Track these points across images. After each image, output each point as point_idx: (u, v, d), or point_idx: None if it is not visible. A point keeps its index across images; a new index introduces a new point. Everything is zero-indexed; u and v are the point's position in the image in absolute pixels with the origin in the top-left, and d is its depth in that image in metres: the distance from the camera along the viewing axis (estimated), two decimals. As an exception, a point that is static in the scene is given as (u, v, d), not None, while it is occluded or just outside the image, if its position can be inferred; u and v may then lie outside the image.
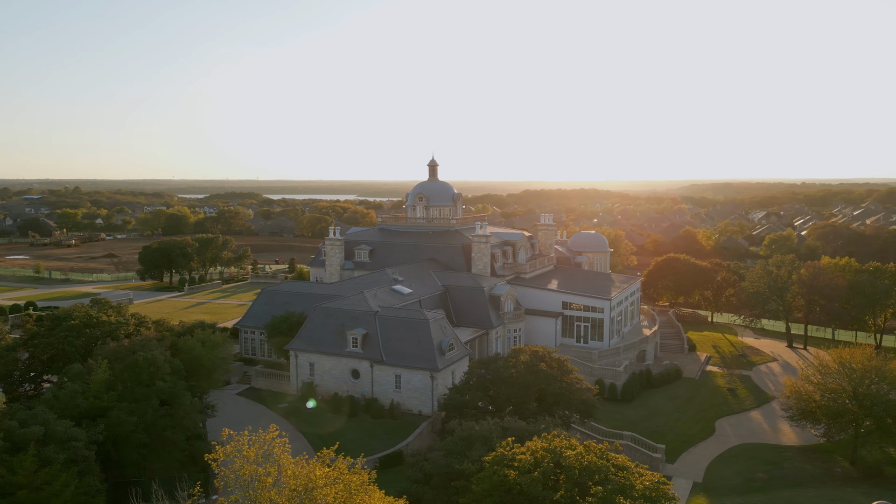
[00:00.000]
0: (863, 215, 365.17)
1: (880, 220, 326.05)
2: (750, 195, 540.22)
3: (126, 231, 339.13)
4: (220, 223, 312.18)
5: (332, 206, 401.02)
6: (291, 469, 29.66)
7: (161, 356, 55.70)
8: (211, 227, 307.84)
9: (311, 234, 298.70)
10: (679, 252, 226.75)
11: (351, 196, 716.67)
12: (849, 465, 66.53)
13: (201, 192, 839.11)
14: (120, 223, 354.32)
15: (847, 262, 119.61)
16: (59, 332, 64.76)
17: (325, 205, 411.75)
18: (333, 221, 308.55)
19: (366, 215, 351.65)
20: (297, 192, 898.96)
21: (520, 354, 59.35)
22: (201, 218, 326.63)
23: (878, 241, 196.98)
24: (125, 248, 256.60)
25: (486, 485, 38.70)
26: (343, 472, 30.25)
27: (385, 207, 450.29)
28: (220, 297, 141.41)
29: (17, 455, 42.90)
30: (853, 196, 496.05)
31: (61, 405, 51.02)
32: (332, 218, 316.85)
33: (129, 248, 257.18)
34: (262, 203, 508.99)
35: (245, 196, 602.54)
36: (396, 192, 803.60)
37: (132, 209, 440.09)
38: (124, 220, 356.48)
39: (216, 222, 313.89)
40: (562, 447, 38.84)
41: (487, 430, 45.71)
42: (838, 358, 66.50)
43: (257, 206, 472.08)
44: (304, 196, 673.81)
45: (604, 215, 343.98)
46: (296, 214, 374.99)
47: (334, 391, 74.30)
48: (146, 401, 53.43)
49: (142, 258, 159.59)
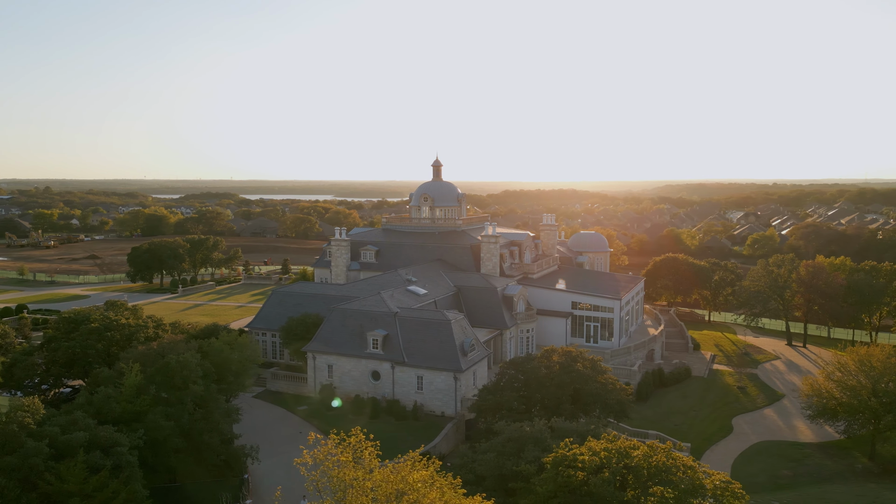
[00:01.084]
0: (837, 215, 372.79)
1: (855, 220, 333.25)
2: (725, 195, 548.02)
3: (103, 232, 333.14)
4: (201, 224, 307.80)
5: (312, 206, 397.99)
6: (382, 472, 29.25)
7: (193, 359, 54.70)
8: (192, 228, 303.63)
9: (296, 235, 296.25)
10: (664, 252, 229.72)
11: (328, 196, 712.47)
12: (868, 460, 67.73)
13: (175, 192, 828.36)
14: (97, 224, 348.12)
15: (842, 261, 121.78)
16: (78, 335, 63.30)
17: (306, 205, 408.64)
18: (317, 222, 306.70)
19: (348, 215, 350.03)
20: (272, 192, 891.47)
21: (552, 355, 59.37)
22: (181, 219, 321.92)
23: (860, 241, 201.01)
24: (106, 249, 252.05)
25: (550, 486, 38.56)
26: (433, 475, 29.93)
27: (365, 208, 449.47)
28: (216, 298, 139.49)
29: (63, 462, 41.78)
30: (825, 196, 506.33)
31: (95, 410, 49.80)
32: (315, 218, 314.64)
33: (111, 249, 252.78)
34: (239, 203, 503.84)
35: (222, 196, 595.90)
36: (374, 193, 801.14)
37: (107, 209, 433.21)
38: (101, 221, 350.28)
39: (197, 223, 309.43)
40: (626, 447, 38.86)
41: (538, 431, 45.59)
42: (857, 356, 67.61)
43: (235, 206, 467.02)
44: (281, 196, 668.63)
45: (585, 216, 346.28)
46: (277, 215, 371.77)
47: (355, 393, 73.70)
48: (181, 405, 52.43)
49: (131, 259, 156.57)
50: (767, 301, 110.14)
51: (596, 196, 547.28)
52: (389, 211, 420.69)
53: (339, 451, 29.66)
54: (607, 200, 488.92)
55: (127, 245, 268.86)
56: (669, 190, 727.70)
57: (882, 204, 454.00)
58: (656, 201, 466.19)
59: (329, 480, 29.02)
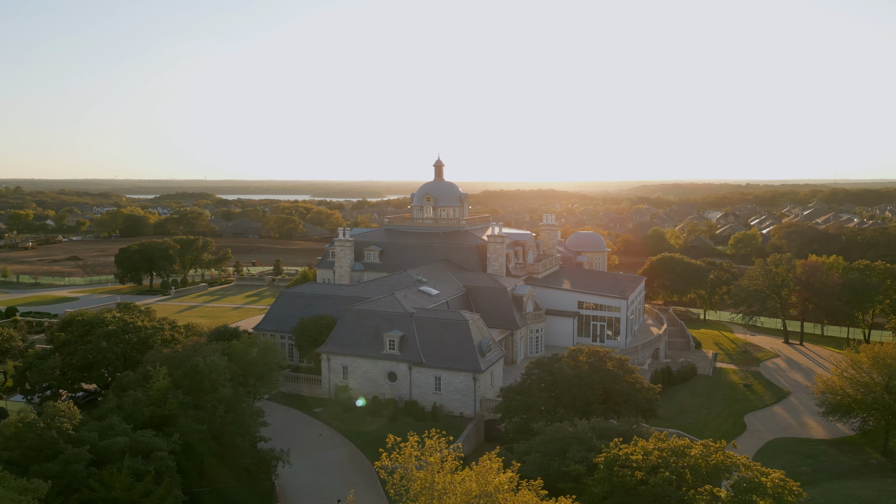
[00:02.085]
0: (813, 214, 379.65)
1: (831, 220, 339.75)
2: (701, 196, 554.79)
3: (80, 233, 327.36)
4: (182, 225, 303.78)
5: (293, 206, 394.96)
6: (464, 475, 29.01)
7: (220, 362, 53.89)
8: (173, 229, 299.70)
9: (279, 235, 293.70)
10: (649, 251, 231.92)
11: (305, 196, 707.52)
12: (880, 456, 68.87)
13: (148, 192, 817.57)
14: (73, 224, 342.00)
15: (835, 259, 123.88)
16: (93, 338, 61.99)
17: (287, 205, 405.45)
18: (301, 223, 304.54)
19: (330, 216, 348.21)
20: (248, 191, 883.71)
21: (578, 355, 59.49)
22: (161, 219, 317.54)
23: (841, 240, 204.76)
24: (86, 250, 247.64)
25: (605, 486, 38.64)
26: (514, 478, 29.77)
27: (346, 208, 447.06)
28: (210, 300, 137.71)
29: (105, 468, 40.88)
30: (799, 196, 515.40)
31: (125, 414, 48.84)
32: (298, 219, 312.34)
33: (91, 250, 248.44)
34: (217, 204, 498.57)
35: (198, 196, 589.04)
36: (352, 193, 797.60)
37: (81, 210, 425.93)
38: (78, 222, 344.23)
39: (178, 224, 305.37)
40: (681, 446, 39.07)
41: (582, 431, 45.63)
42: (871, 354, 68.71)
43: (213, 206, 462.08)
44: (259, 196, 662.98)
45: (567, 216, 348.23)
46: (257, 215, 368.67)
47: (371, 394, 73.21)
48: (211, 408, 51.62)
49: (119, 260, 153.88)
50: (766, 300, 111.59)
51: (575, 196, 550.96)
52: (370, 211, 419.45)
53: (422, 454, 29.34)
54: (587, 200, 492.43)
55: (108, 246, 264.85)
56: (645, 190, 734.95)
57: (854, 204, 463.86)
58: (635, 201, 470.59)
59: (410, 483, 28.72)
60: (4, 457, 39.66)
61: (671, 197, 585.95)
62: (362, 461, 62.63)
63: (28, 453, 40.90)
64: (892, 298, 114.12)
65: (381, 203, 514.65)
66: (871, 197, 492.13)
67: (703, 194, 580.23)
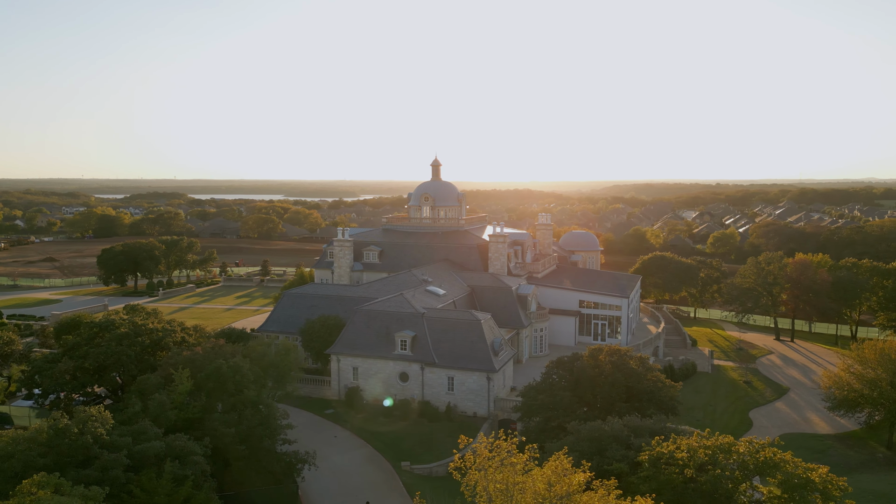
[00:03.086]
0: (785, 214, 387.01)
1: (802, 219, 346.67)
2: (674, 195, 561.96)
3: (52, 233, 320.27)
4: (157, 225, 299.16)
5: (270, 206, 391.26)
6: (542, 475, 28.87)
7: (244, 364, 53.08)
8: (148, 230, 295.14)
9: (258, 235, 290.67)
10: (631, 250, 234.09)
11: (278, 196, 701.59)
12: (886, 449, 70.40)
13: (117, 192, 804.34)
14: (44, 225, 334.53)
15: (822, 258, 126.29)
16: (105, 341, 60.59)
17: (263, 205, 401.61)
18: (280, 222, 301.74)
19: (308, 215, 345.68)
20: (219, 191, 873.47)
21: (598, 354, 59.71)
22: (137, 220, 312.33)
23: (818, 239, 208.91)
24: (61, 251, 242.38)
25: (653, 484, 38.79)
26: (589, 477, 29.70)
27: (322, 208, 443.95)
28: (200, 301, 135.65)
29: (143, 473, 39.95)
30: (769, 196, 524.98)
31: (151, 418, 47.82)
32: (277, 219, 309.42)
33: (66, 251, 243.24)
34: (191, 203, 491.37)
35: (170, 196, 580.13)
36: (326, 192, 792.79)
37: (50, 210, 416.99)
38: (49, 222, 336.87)
39: (154, 224, 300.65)
40: (727, 443, 39.43)
41: (618, 430, 45.79)
42: (877, 350, 70.20)
43: (187, 206, 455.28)
44: (233, 196, 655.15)
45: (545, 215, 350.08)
46: (234, 215, 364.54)
47: (383, 395, 72.73)
48: (236, 410, 50.82)
49: (102, 261, 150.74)
50: (758, 297, 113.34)
51: (551, 196, 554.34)
52: (348, 210, 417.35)
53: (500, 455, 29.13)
54: (563, 200, 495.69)
55: (83, 247, 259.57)
56: (618, 190, 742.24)
57: (822, 203, 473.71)
58: (611, 201, 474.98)
59: (488, 485, 28.50)
60: (39, 463, 38.53)
61: (644, 196, 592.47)
62: (381, 462, 62.20)
63: (61, 460, 39.81)
64: (879, 296, 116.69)
65: (358, 203, 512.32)
66: (838, 196, 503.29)
67: (675, 194, 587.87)
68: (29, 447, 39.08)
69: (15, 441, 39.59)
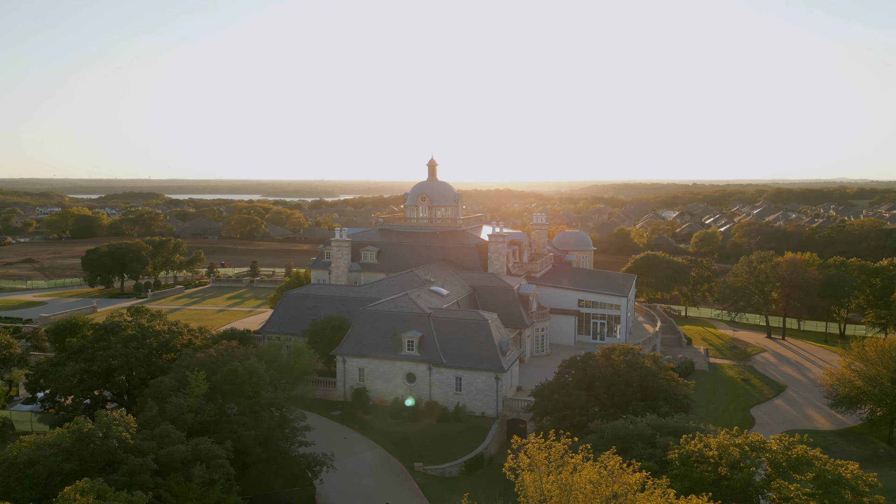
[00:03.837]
0: (763, 213, 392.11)
1: (780, 218, 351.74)
2: (652, 195, 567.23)
3: (28, 234, 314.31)
4: (137, 225, 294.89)
5: (251, 206, 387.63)
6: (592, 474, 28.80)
7: (260, 366, 52.44)
8: (128, 230, 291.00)
9: (240, 236, 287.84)
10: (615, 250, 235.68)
11: (256, 196, 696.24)
12: (886, 444, 71.60)
13: (90, 192, 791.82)
14: (20, 226, 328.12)
15: (811, 257, 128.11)
16: (113, 344, 59.52)
17: (243, 205, 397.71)
18: (263, 223, 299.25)
19: (290, 215, 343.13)
20: (195, 191, 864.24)
21: (611, 353, 59.95)
22: (116, 220, 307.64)
23: (801, 238, 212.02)
24: (40, 252, 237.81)
25: (685, 482, 38.94)
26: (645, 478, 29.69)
27: (304, 207, 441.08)
28: (190, 302, 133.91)
29: (170, 477, 39.25)
30: (746, 196, 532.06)
31: (168, 421, 47.00)
32: (260, 219, 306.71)
33: (45, 252, 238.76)
34: (168, 204, 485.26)
35: (146, 196, 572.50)
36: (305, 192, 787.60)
37: (24, 210, 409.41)
38: (24, 223, 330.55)
39: (133, 224, 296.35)
40: (757, 441, 39.73)
41: (642, 429, 45.97)
42: (877, 347, 71.35)
43: (165, 206, 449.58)
44: (211, 196, 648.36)
45: (528, 216, 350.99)
46: (214, 215, 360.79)
47: (389, 395, 72.38)
48: (253, 413, 50.17)
49: (87, 263, 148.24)
50: (750, 296, 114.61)
51: (531, 196, 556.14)
52: (329, 210, 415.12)
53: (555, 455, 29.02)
54: (543, 200, 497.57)
55: (62, 248, 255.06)
56: (597, 190, 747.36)
57: (798, 203, 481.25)
58: (592, 201, 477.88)
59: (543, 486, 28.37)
60: (66, 469, 37.70)
61: (623, 196, 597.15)
62: (394, 463, 61.86)
63: (85, 465, 38.99)
64: (867, 294, 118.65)
65: (340, 203, 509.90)
66: (813, 196, 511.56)
67: (653, 194, 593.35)
68: (54, 452, 38.19)
69: (38, 447, 38.68)
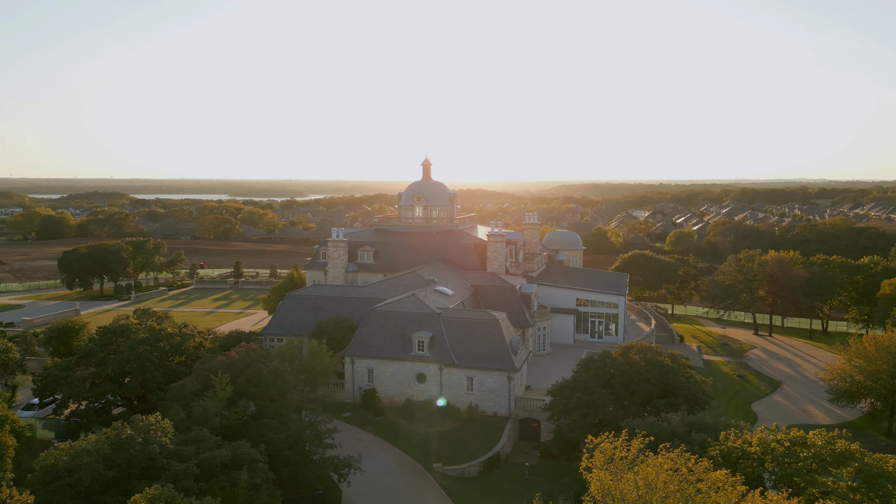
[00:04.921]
0: (731, 213, 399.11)
1: (749, 217, 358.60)
2: (622, 195, 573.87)
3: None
4: (106, 226, 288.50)
5: (222, 206, 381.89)
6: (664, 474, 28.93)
7: (285, 368, 51.69)
8: (97, 231, 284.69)
9: (214, 237, 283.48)
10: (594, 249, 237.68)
11: (223, 195, 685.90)
12: (886, 437, 73.40)
13: (50, 192, 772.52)
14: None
15: (794, 255, 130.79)
16: (123, 346, 58.09)
17: (214, 205, 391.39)
18: (237, 223, 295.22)
19: (263, 215, 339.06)
20: (160, 191, 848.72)
21: (629, 352, 60.40)
22: (84, 221, 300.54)
23: (773, 236, 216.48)
24: (7, 254, 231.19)
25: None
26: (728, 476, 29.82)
27: (275, 207, 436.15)
28: (176, 304, 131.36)
29: (213, 482, 38.41)
30: (713, 195, 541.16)
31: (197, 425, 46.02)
32: (234, 219, 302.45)
33: (13, 254, 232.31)
34: (135, 204, 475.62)
35: (111, 196, 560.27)
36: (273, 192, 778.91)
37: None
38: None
39: (102, 225, 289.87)
40: (798, 436, 40.36)
41: (675, 426, 46.37)
42: (876, 343, 73.06)
43: (131, 206, 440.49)
44: (179, 196, 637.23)
45: (503, 215, 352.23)
46: (184, 215, 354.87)
47: (399, 396, 71.95)
48: (280, 416, 49.42)
49: (65, 264, 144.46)
50: (738, 294, 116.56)
51: (503, 196, 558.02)
52: (302, 210, 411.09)
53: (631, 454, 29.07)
54: (515, 200, 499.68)
55: (30, 249, 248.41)
56: (566, 190, 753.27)
57: (763, 202, 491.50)
58: (563, 201, 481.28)
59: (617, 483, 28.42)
60: (108, 476, 36.65)
61: (592, 196, 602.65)
62: (413, 464, 61.47)
63: (126, 471, 37.96)
64: (850, 291, 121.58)
65: (311, 203, 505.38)
66: (777, 196, 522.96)
67: (621, 193, 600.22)
68: (94, 460, 37.06)
69: (77, 454, 37.50)
